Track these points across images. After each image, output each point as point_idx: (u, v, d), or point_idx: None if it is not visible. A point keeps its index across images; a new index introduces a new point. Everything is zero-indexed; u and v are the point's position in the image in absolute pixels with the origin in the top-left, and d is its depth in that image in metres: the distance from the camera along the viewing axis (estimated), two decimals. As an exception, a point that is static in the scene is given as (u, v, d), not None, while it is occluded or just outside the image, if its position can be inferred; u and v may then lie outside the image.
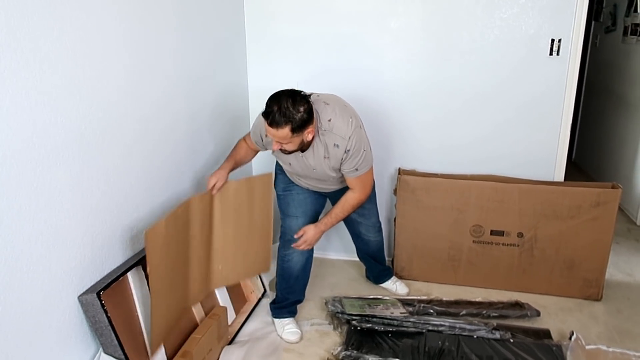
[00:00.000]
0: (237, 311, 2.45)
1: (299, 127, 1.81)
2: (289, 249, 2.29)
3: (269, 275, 2.69)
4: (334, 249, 3.06)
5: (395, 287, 2.69)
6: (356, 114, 2.04)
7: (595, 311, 2.52)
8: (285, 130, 1.79)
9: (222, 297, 2.35)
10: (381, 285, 2.72)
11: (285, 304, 2.38)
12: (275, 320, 2.38)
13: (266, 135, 2.02)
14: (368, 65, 2.68)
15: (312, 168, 2.07)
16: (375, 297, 2.57)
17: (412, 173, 2.73)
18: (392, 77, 2.67)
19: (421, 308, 2.41)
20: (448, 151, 2.75)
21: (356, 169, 2.02)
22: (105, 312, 1.62)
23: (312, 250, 2.36)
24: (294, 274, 2.33)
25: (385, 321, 2.27)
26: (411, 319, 2.28)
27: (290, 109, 1.77)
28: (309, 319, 2.43)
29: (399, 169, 2.76)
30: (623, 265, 2.98)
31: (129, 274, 1.84)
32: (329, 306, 2.43)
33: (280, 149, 1.95)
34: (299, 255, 2.30)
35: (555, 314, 2.48)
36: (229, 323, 2.36)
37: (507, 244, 2.62)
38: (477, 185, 2.58)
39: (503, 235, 2.61)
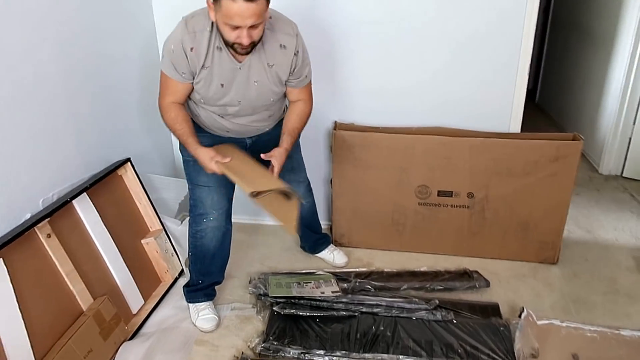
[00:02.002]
0: (146, 296, 2.11)
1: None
2: (202, 224, 1.94)
3: (185, 252, 2.34)
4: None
5: (332, 256, 2.39)
6: None
7: (550, 277, 2.28)
8: (262, 3, 1.47)
9: (122, 280, 1.99)
10: (318, 255, 2.42)
11: (201, 286, 2.05)
12: (190, 305, 2.06)
13: (191, 50, 1.61)
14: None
15: (254, 81, 1.70)
16: (308, 271, 2.26)
17: (350, 127, 2.36)
18: (324, 12, 2.23)
19: (357, 284, 2.12)
20: (390, 101, 2.37)
21: (306, 77, 1.81)
22: None
23: (229, 222, 2.01)
24: (209, 252, 1.99)
25: (314, 303, 1.98)
26: (343, 299, 1.99)
27: None
28: (230, 303, 2.11)
29: (335, 123, 2.38)
30: (582, 220, 2.74)
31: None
32: (250, 287, 2.12)
33: (243, 47, 1.56)
34: (214, 230, 1.95)
35: (507, 282, 2.23)
36: (135, 311, 2.03)
37: (456, 206, 2.32)
38: (422, 141, 2.23)
39: (452, 196, 2.30)
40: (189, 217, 1.99)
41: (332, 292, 2.03)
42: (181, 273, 2.28)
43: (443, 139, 2.21)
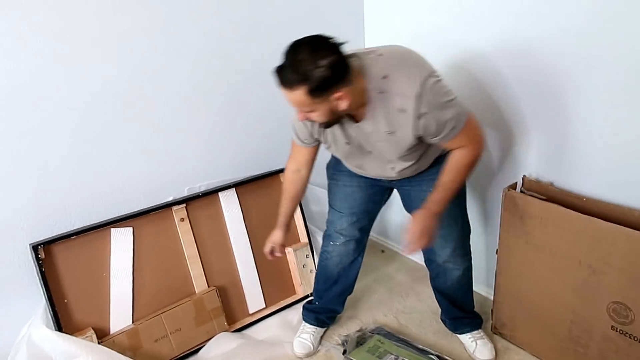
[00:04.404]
0: (270, 302, 2.15)
1: (318, 89, 1.23)
2: (328, 246, 1.88)
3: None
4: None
5: (474, 346, 1.85)
6: (424, 62, 1.37)
7: None
8: (299, 93, 1.24)
9: (247, 279, 2.09)
10: (459, 335, 1.92)
11: (316, 308, 1.98)
12: (303, 321, 2.01)
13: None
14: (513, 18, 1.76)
15: (368, 150, 1.52)
16: (425, 349, 1.83)
17: (537, 188, 1.73)
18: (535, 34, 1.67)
19: (461, 394, 1.59)
20: (629, 164, 1.57)
21: (453, 127, 1.37)
22: (40, 266, 1.65)
23: (359, 252, 1.88)
24: (332, 277, 1.91)
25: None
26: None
27: (306, 62, 1.21)
28: (334, 344, 1.92)
29: (523, 178, 1.79)
30: None
31: (113, 231, 1.81)
32: (341, 337, 1.88)
33: (311, 121, 1.41)
34: (341, 256, 1.86)
35: None
36: (251, 312, 2.11)
37: (677, 356, 1.41)
38: (626, 235, 1.43)
39: (669, 337, 1.41)
40: None
41: (418, 389, 1.59)
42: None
43: (663, 244, 1.36)
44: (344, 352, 1.81)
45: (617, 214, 1.52)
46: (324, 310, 1.97)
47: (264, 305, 2.15)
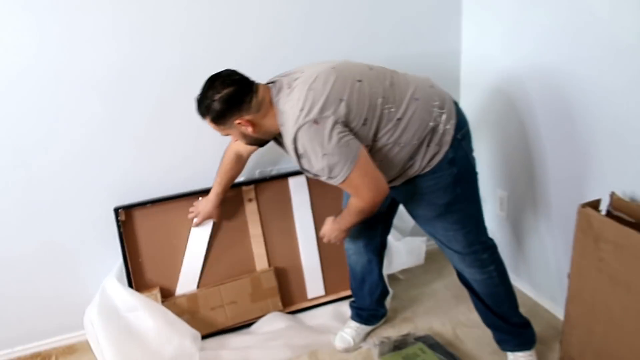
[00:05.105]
0: (330, 290, 2.17)
1: (218, 118, 1.43)
2: (345, 243, 1.88)
3: (391, 268, 2.17)
4: (520, 276, 2.10)
5: (518, 367, 1.67)
6: (321, 101, 1.35)
7: None
8: (208, 122, 1.46)
9: (309, 264, 2.13)
10: (507, 354, 1.73)
11: (354, 304, 1.98)
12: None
13: None
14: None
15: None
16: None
17: (624, 208, 1.46)
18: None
19: None
20: None
21: (330, 177, 1.39)
22: (119, 227, 1.88)
23: (371, 252, 1.85)
24: (357, 275, 1.91)
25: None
26: None
27: (205, 97, 1.42)
28: (380, 338, 1.88)
29: (611, 195, 1.52)
30: None
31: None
32: (381, 337, 1.82)
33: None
34: (357, 255, 1.86)
35: None
36: (310, 297, 2.15)
37: None
38: None
39: None
40: None
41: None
42: (380, 288, 2.18)
43: None
44: (379, 354, 1.75)
45: None
46: (363, 308, 1.95)
47: (324, 293, 2.17)
